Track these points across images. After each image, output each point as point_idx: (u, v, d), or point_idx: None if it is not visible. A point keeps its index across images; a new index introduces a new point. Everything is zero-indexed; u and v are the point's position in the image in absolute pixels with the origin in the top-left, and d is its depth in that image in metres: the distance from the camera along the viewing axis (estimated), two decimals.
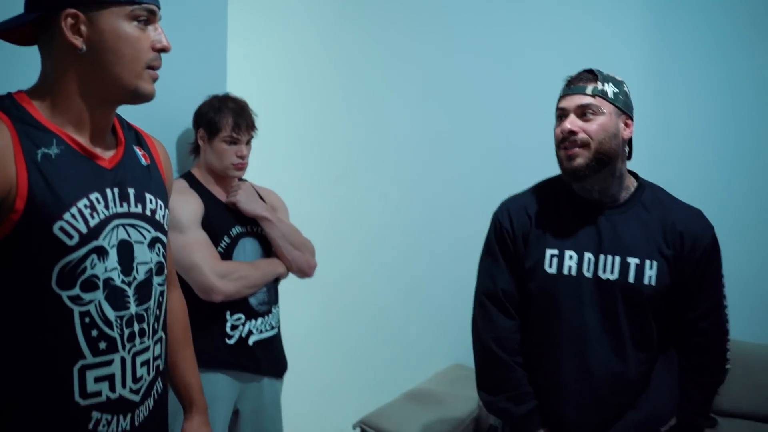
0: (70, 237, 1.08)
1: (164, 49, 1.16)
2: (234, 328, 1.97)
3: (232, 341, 1.96)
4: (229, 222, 2.03)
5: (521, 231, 1.71)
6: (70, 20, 1.09)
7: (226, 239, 2.00)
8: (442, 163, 3.21)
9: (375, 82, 3.32)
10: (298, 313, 2.80)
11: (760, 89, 2.80)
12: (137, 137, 1.30)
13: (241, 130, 2.02)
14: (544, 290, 1.66)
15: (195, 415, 1.48)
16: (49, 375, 1.09)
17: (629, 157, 1.69)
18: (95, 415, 1.12)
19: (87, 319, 1.10)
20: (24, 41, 1.18)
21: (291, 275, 2.16)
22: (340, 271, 3.16)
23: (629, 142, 1.67)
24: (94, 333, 1.11)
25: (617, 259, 1.60)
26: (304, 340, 2.73)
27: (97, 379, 1.12)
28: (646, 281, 1.59)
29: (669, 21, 2.91)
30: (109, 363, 1.13)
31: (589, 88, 1.59)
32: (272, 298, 2.09)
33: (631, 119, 1.65)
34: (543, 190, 1.76)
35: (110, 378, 1.14)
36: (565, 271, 1.63)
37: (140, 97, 1.16)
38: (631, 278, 1.59)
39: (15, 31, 1.15)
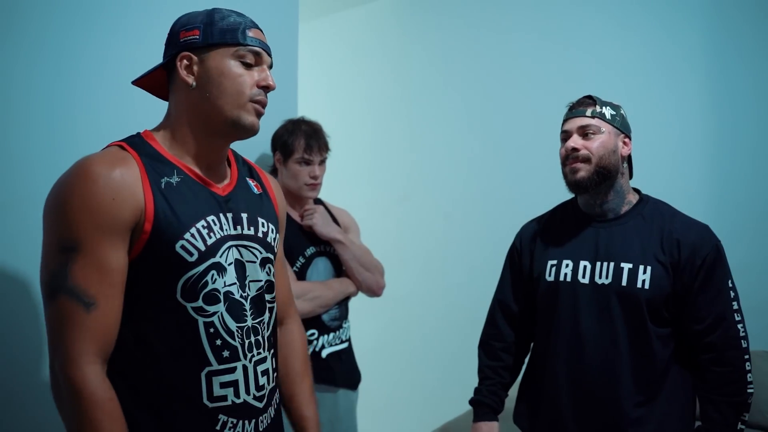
0: (191, 254, 1.20)
1: (268, 87, 1.27)
2: (308, 343, 2.05)
3: None
4: (304, 243, 2.11)
5: (529, 247, 1.88)
6: (185, 62, 1.24)
7: (301, 259, 2.09)
8: (503, 182, 3.26)
9: (436, 105, 3.41)
10: (366, 329, 2.88)
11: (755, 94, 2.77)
12: (250, 170, 1.43)
13: (313, 151, 2.10)
14: (544, 298, 1.79)
15: None
16: (179, 379, 1.20)
17: (630, 175, 1.80)
18: (222, 417, 1.22)
19: (212, 329, 1.22)
20: (163, 94, 1.35)
21: (361, 293, 2.24)
22: (406, 287, 3.24)
23: (629, 160, 1.79)
24: (218, 342, 1.22)
25: (611, 264, 1.69)
26: (373, 354, 2.80)
27: (223, 385, 1.23)
28: (639, 284, 1.65)
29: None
30: (233, 370, 1.24)
31: (589, 111, 1.73)
32: (343, 314, 2.17)
33: (629, 138, 1.76)
34: (555, 210, 1.91)
35: (234, 384, 1.24)
36: (562, 278, 1.75)
37: (242, 128, 1.26)
38: (624, 282, 1.66)
39: (154, 84, 1.33)
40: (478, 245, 3.21)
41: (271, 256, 1.37)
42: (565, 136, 1.76)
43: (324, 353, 2.09)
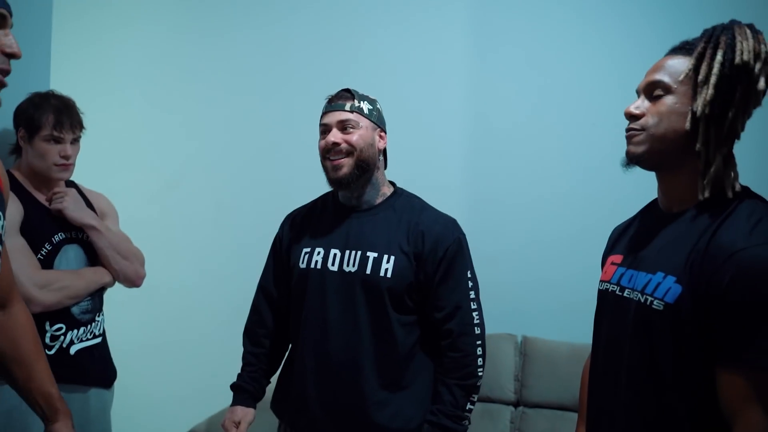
0: None
1: (14, 55, 1.17)
2: (54, 338, 1.89)
3: (51, 352, 1.87)
4: (51, 228, 1.93)
5: (289, 236, 1.93)
6: None
7: (47, 246, 1.91)
8: (273, 169, 3.25)
9: (208, 89, 3.29)
10: (128, 322, 2.71)
11: None
12: None
13: (64, 127, 1.92)
14: (297, 284, 1.85)
15: (62, 419, 1.45)
16: None
17: (385, 167, 1.90)
18: None
19: None
20: None
21: (118, 284, 2.10)
22: (172, 278, 3.09)
23: (384, 153, 1.87)
24: None
25: (358, 253, 1.76)
26: (133, 349, 2.65)
27: None
28: (382, 273, 1.73)
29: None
30: None
31: (348, 105, 1.78)
32: (96, 307, 2.03)
33: (385, 132, 1.85)
34: (317, 200, 1.98)
35: None
36: (312, 265, 1.81)
37: None
38: (368, 270, 1.74)
39: None
40: (247, 234, 3.16)
41: None
42: (324, 129, 1.80)
43: (72, 350, 1.93)
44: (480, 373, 1.76)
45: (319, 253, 1.81)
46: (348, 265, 1.76)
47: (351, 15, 3.20)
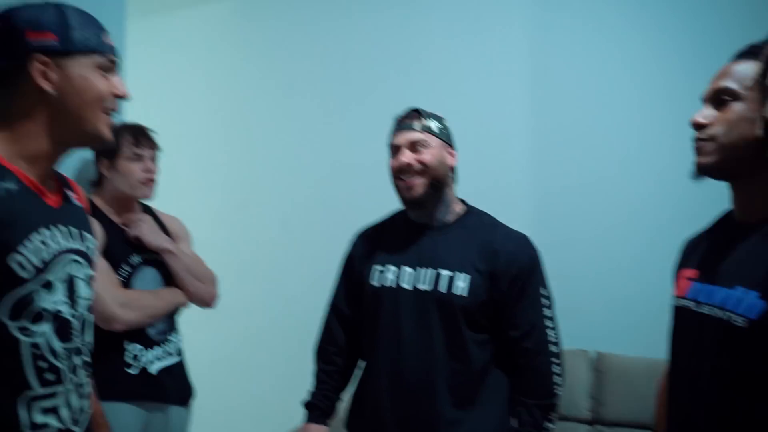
0: (24, 269, 1.10)
1: (123, 96, 1.24)
2: (135, 358, 1.94)
3: (133, 371, 1.93)
4: (129, 251, 2.00)
5: (361, 253, 1.93)
6: (40, 66, 1.14)
7: (126, 268, 1.98)
8: (341, 189, 3.28)
9: (273, 112, 3.37)
10: (201, 342, 2.77)
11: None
12: (65, 181, 1.34)
13: (142, 144, 2.01)
14: (370, 302, 1.84)
15: None
16: None
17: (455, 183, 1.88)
18: None
19: (36, 351, 1.13)
20: None
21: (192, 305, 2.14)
22: (242, 298, 3.16)
23: (453, 170, 1.85)
24: (43, 365, 1.13)
25: (432, 271, 1.75)
26: (207, 368, 2.70)
27: (45, 411, 1.14)
28: (456, 291, 1.71)
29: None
30: (55, 395, 1.16)
31: (417, 125, 1.78)
32: (169, 327, 2.08)
33: (454, 150, 1.84)
34: (389, 217, 1.97)
35: (56, 409, 1.16)
36: (385, 284, 1.80)
37: (98, 139, 1.22)
38: (442, 288, 1.72)
39: None
40: (316, 253, 3.20)
41: (93, 273, 1.30)
42: (395, 149, 1.80)
43: (153, 369, 1.98)
44: (558, 392, 1.73)
45: (392, 271, 1.81)
46: (421, 283, 1.75)
47: (411, 31, 3.22)
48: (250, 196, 3.38)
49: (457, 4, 3.15)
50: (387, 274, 1.81)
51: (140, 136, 2.02)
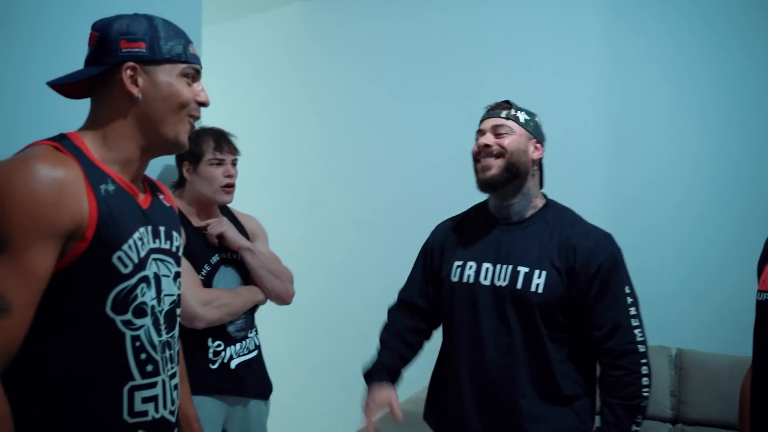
0: (125, 266, 1.17)
1: (205, 103, 1.30)
2: (216, 354, 2.00)
3: (214, 366, 2.00)
4: (209, 251, 2.06)
5: (440, 247, 1.93)
6: (129, 72, 1.21)
7: (206, 267, 2.04)
8: (412, 187, 3.30)
9: (344, 111, 3.42)
10: (278, 338, 2.84)
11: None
12: (153, 183, 1.41)
13: (224, 150, 2.06)
14: (448, 298, 1.85)
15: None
16: (100, 394, 1.17)
17: (542, 184, 1.86)
18: None
19: (137, 343, 1.20)
20: (75, 95, 1.30)
21: (269, 302, 2.19)
22: (315, 295, 3.22)
23: (540, 167, 1.84)
24: (143, 356, 1.21)
25: (509, 267, 1.74)
26: (283, 363, 2.77)
27: (145, 400, 1.21)
28: (533, 288, 1.70)
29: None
30: (154, 385, 1.23)
31: (504, 113, 1.79)
32: (248, 324, 2.13)
33: (542, 144, 1.82)
34: (469, 211, 1.96)
35: (155, 399, 1.23)
36: (464, 279, 1.79)
37: (179, 145, 1.29)
38: (519, 285, 1.71)
39: (73, 86, 1.27)
40: (388, 251, 3.23)
41: (180, 270, 1.37)
42: (480, 134, 1.81)
43: (232, 364, 2.04)
44: (646, 393, 1.67)
45: (471, 267, 1.80)
46: (499, 279, 1.75)
47: (495, 19, 3.19)
48: (322, 196, 3.44)
49: (533, 5, 3.12)
50: (466, 270, 1.80)
51: (222, 141, 2.07)
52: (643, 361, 1.69)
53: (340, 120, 3.43)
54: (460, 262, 1.83)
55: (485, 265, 1.78)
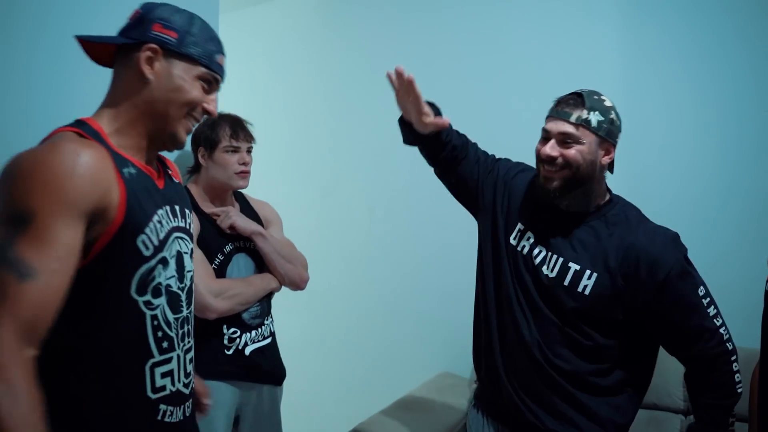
0: (147, 248, 1.20)
1: (211, 113, 1.32)
2: (231, 341, 2.03)
3: (229, 352, 2.02)
4: (222, 239, 2.07)
5: (509, 191, 1.84)
6: (148, 53, 1.22)
7: (220, 256, 2.06)
8: (426, 174, 3.30)
9: (359, 99, 3.42)
10: (291, 325, 2.87)
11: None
12: (162, 160, 1.42)
13: (239, 137, 2.08)
14: (497, 255, 1.80)
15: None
16: (127, 373, 1.21)
17: (611, 170, 1.75)
18: (162, 407, 1.25)
19: (155, 322, 1.24)
20: (99, 60, 1.31)
21: (284, 288, 2.21)
22: (329, 282, 3.24)
23: (611, 166, 1.72)
24: (159, 334, 1.24)
25: (560, 260, 1.68)
26: (296, 350, 2.79)
27: (163, 375, 1.25)
28: (580, 288, 1.64)
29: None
30: (170, 360, 1.27)
31: (574, 116, 1.64)
32: (264, 311, 2.15)
33: (613, 146, 1.69)
34: (534, 177, 1.82)
35: (171, 373, 1.27)
36: (519, 248, 1.75)
37: (174, 141, 1.29)
38: (567, 282, 1.66)
39: (98, 49, 1.28)
40: (402, 238, 3.24)
41: (193, 246, 1.40)
42: (545, 135, 1.69)
43: (248, 350, 2.07)
44: (740, 390, 1.64)
45: (529, 238, 1.74)
46: (548, 269, 1.69)
47: (500, 19, 3.17)
48: (336, 183, 3.45)
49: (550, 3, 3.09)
50: (523, 240, 1.75)
51: (238, 128, 2.08)
52: (733, 358, 1.64)
53: (356, 107, 3.43)
54: (522, 227, 1.76)
55: (539, 246, 1.72)
